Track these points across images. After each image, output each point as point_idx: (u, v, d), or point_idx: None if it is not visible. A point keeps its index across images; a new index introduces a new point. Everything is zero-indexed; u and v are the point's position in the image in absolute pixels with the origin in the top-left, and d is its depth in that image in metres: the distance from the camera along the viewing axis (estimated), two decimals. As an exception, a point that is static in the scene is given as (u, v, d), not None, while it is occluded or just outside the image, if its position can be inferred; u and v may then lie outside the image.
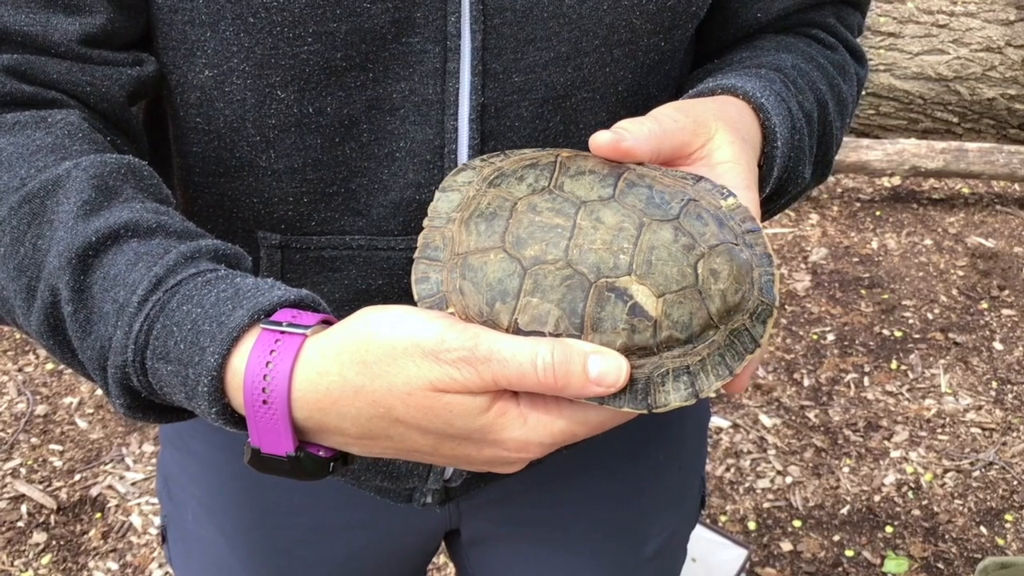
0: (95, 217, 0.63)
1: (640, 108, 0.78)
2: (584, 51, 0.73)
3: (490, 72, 0.71)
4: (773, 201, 0.79)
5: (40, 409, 2.67)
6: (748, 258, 0.61)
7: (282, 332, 0.58)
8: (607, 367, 0.56)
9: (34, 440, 2.57)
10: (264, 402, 0.58)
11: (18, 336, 2.93)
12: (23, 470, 2.48)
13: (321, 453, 0.61)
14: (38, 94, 0.69)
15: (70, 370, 0.67)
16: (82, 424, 2.62)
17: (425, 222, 0.63)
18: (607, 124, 0.76)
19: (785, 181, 0.76)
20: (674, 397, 0.57)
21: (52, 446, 2.55)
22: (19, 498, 2.40)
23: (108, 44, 0.70)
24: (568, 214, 0.60)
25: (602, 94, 0.76)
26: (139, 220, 0.63)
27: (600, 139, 0.63)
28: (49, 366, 2.81)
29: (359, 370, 0.57)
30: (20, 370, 2.80)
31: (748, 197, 0.65)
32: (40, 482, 2.45)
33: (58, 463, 2.50)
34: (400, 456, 0.61)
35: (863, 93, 0.92)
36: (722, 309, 0.58)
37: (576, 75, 0.73)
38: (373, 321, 0.58)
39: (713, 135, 0.67)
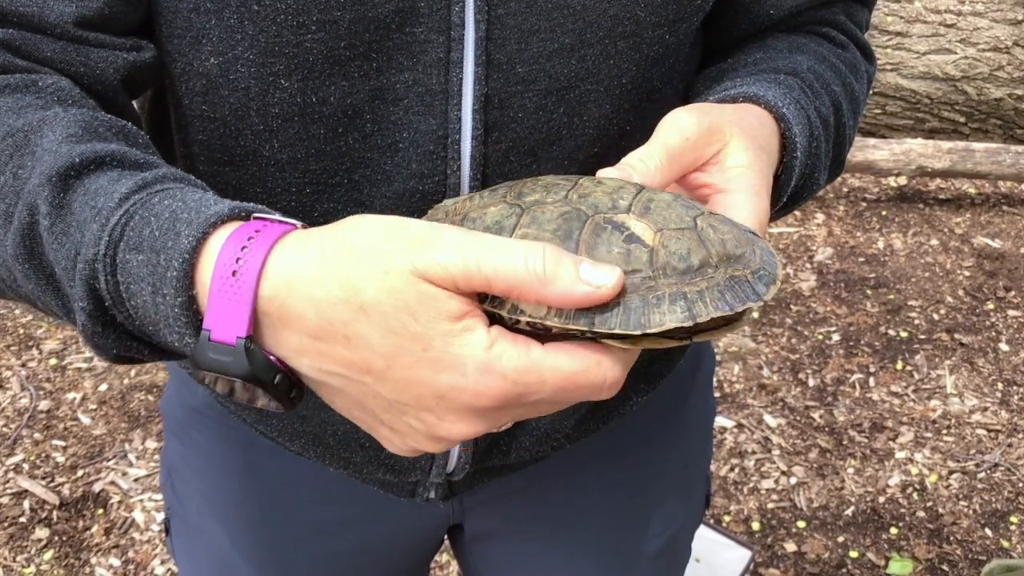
0: (80, 144, 0.61)
1: (644, 101, 0.78)
2: (588, 43, 0.72)
3: (494, 62, 0.71)
4: (785, 207, 0.78)
5: (43, 404, 2.67)
6: (750, 237, 0.61)
7: (268, 222, 0.56)
8: (599, 269, 0.53)
9: (37, 435, 2.57)
10: (233, 273, 0.54)
11: (21, 331, 2.93)
12: (26, 466, 2.48)
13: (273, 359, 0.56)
14: (31, 68, 0.68)
15: (43, 309, 0.63)
16: (85, 420, 2.62)
17: (429, 212, 0.64)
18: (611, 116, 0.76)
19: (800, 187, 0.76)
20: (669, 318, 0.54)
21: (55, 442, 2.55)
22: (22, 494, 2.40)
23: (105, 28, 0.69)
24: (571, 180, 0.60)
25: (606, 86, 0.75)
26: (126, 153, 0.62)
27: (606, 176, 0.62)
28: (52, 361, 2.81)
29: (339, 249, 0.54)
30: (23, 365, 2.80)
31: (757, 203, 0.65)
32: (43, 478, 2.45)
33: (61, 459, 2.50)
34: (345, 387, 0.55)
35: (870, 92, 0.92)
36: (722, 253, 0.57)
37: (580, 67, 0.73)
38: (362, 218, 0.55)
39: (728, 141, 0.66)
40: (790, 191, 0.75)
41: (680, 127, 0.65)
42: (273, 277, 0.54)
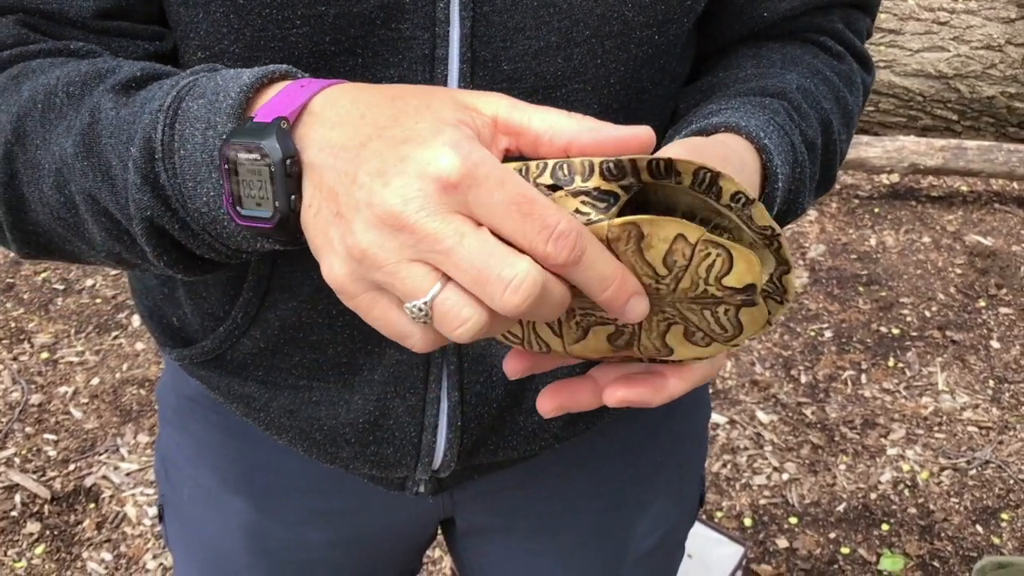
0: (140, 62, 0.65)
1: (633, 101, 0.77)
2: (574, 41, 0.72)
3: (479, 60, 0.71)
4: None
5: (35, 398, 2.66)
6: None
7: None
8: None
9: (28, 429, 2.56)
10: (302, 86, 0.57)
11: (13, 325, 2.93)
12: (17, 460, 2.47)
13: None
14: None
15: (90, 221, 0.66)
16: (77, 414, 2.62)
17: None
18: (599, 117, 0.75)
19: (784, 212, 0.76)
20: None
21: (46, 436, 2.55)
22: (13, 488, 2.39)
23: (125, 18, 0.71)
24: None
25: (594, 86, 0.75)
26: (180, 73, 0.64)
27: None
28: (44, 355, 2.81)
29: (404, 87, 0.57)
30: (15, 359, 2.80)
31: None
32: (34, 472, 2.44)
33: (52, 453, 2.50)
34: (332, 164, 0.54)
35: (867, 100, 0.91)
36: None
37: (566, 65, 0.73)
38: None
39: None
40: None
41: None
42: (331, 90, 0.56)
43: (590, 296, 0.52)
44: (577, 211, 0.53)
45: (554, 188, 0.54)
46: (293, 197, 0.55)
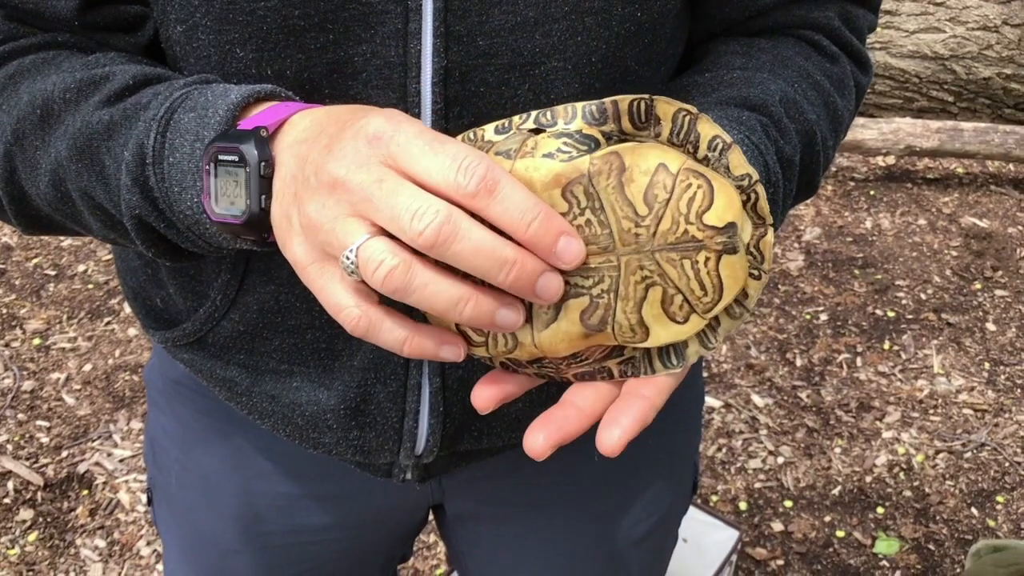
0: (132, 64, 0.70)
1: (617, 81, 0.76)
2: (553, 17, 0.70)
3: (453, 34, 0.69)
4: None
5: (27, 385, 2.65)
6: None
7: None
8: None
9: (21, 416, 2.56)
10: (285, 107, 0.63)
11: (4, 311, 2.91)
12: (9, 446, 2.47)
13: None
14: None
15: (86, 213, 0.73)
16: (69, 400, 2.61)
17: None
18: (580, 95, 0.74)
19: None
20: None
21: (39, 422, 2.54)
22: (5, 475, 2.39)
23: (108, 2, 0.72)
24: None
25: (574, 64, 0.73)
26: (173, 75, 0.69)
27: None
28: (36, 341, 2.80)
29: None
30: (7, 345, 2.78)
31: None
32: (27, 459, 2.43)
33: (45, 439, 2.49)
34: (296, 156, 0.60)
35: (862, 101, 0.90)
36: None
37: (545, 42, 0.71)
38: None
39: None
40: None
41: None
42: (308, 112, 0.62)
43: (516, 236, 0.53)
44: (559, 150, 0.55)
45: (537, 132, 0.56)
46: (263, 197, 0.61)
